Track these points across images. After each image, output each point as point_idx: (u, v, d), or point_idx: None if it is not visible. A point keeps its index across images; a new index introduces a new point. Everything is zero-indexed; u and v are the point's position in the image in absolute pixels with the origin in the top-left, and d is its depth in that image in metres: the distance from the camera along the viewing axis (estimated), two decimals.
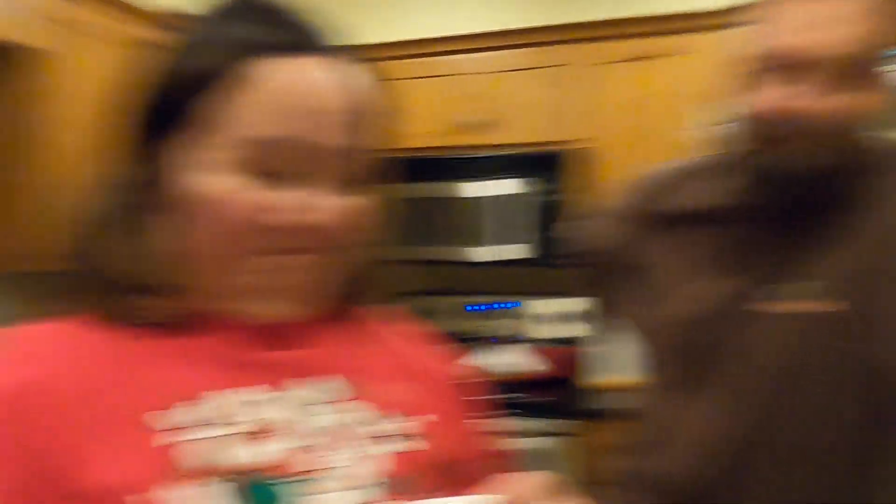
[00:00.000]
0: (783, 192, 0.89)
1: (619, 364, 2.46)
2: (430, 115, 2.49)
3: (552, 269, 2.63)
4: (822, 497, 0.88)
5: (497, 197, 2.51)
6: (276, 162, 0.53)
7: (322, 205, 0.55)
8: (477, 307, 2.81)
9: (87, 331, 0.55)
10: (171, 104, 0.54)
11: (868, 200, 0.90)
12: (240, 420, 0.54)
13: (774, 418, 0.90)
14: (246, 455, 0.52)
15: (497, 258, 2.52)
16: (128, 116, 0.57)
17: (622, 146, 2.43)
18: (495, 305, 2.81)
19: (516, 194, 2.48)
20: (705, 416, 0.96)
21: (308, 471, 0.54)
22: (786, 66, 0.85)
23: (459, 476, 0.63)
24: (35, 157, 1.90)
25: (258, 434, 0.54)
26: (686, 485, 0.96)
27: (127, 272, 0.56)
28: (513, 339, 2.55)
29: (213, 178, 0.53)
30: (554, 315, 2.73)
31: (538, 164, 2.48)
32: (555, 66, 2.50)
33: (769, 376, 0.90)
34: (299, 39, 0.54)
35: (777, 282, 0.92)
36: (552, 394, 2.36)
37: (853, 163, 0.87)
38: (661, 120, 2.39)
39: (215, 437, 0.52)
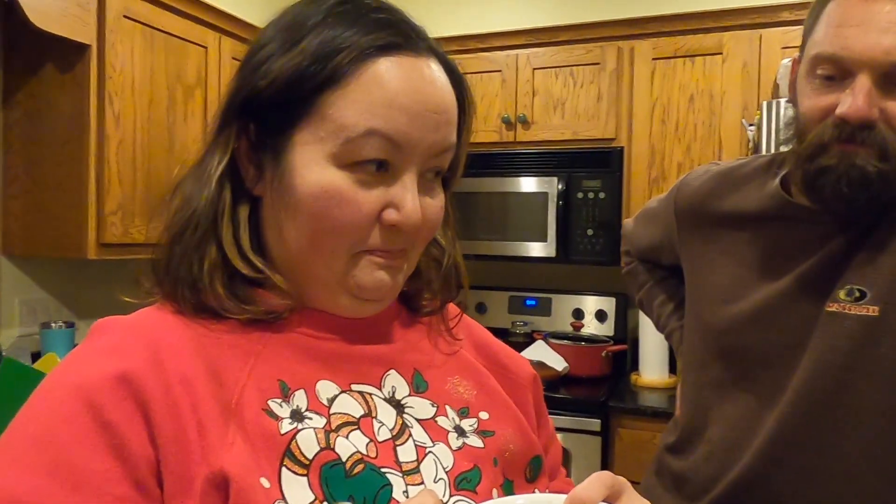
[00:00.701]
0: (834, 196, 0.88)
1: (653, 364, 2.45)
2: None
3: (581, 266, 2.64)
4: (871, 494, 0.87)
5: (529, 193, 2.51)
6: (379, 155, 0.54)
7: (419, 205, 0.56)
8: (530, 302, 2.82)
9: (176, 322, 0.56)
10: (290, 101, 0.55)
11: None
12: (334, 412, 0.55)
13: (821, 419, 0.89)
14: (343, 446, 0.53)
15: (527, 255, 2.53)
16: (231, 112, 0.58)
17: (659, 144, 2.43)
18: (528, 302, 2.82)
19: (548, 192, 2.48)
20: (747, 415, 0.96)
21: (399, 462, 0.55)
22: (839, 69, 0.84)
23: (522, 472, 0.65)
24: (81, 149, 1.94)
25: (348, 426, 0.55)
26: (719, 485, 0.96)
27: (219, 266, 0.57)
28: (537, 337, 2.55)
29: (321, 172, 0.54)
30: (581, 312, 2.74)
31: (574, 161, 2.48)
32: (591, 64, 2.50)
33: (817, 377, 0.89)
34: (406, 40, 0.56)
35: (827, 284, 0.91)
36: (582, 392, 2.35)
37: None
38: (701, 118, 2.38)
39: (314, 429, 0.53)
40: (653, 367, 2.44)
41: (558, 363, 2.41)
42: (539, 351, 2.42)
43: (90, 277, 2.30)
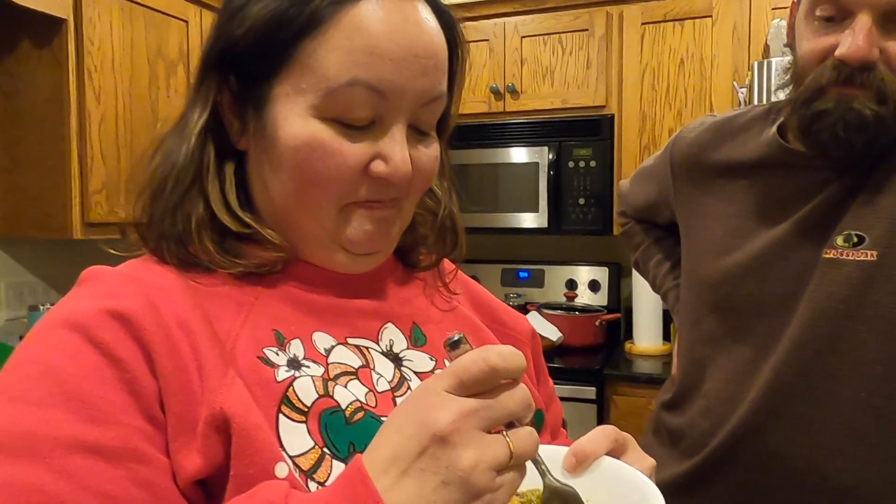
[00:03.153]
0: (831, 140, 0.86)
1: (647, 331, 2.45)
2: None
3: (573, 236, 2.63)
4: (867, 443, 0.87)
5: (519, 164, 2.49)
6: (363, 106, 0.51)
7: (409, 156, 0.54)
8: (522, 274, 2.82)
9: (166, 271, 0.54)
10: (267, 50, 0.52)
11: None
12: (332, 362, 0.54)
13: (817, 369, 0.88)
14: (342, 394, 0.52)
15: (519, 226, 2.52)
16: (209, 65, 0.55)
17: (650, 110, 2.41)
18: (521, 274, 2.81)
19: (538, 162, 2.46)
20: (743, 368, 0.95)
21: None
22: (839, 9, 0.83)
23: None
24: (62, 126, 1.91)
25: (347, 376, 0.54)
26: (716, 438, 0.96)
27: (207, 222, 0.55)
28: (530, 308, 2.54)
29: (303, 124, 0.52)
30: (574, 283, 2.73)
31: (564, 130, 2.46)
32: (580, 30, 2.47)
33: (813, 325, 0.89)
34: None
35: (825, 230, 0.90)
36: (577, 361, 2.36)
37: None
38: (692, 82, 2.36)
39: (312, 377, 0.52)
40: (646, 334, 2.45)
41: (553, 333, 2.41)
42: (533, 322, 2.41)
43: (77, 258, 2.26)
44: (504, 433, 0.41)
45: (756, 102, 1.95)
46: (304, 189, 0.53)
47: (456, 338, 0.44)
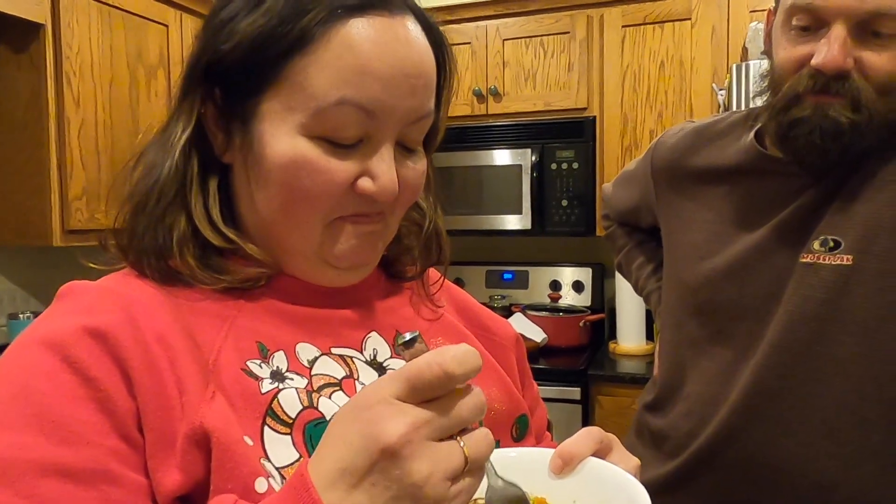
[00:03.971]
0: (807, 147, 0.88)
1: (631, 331, 2.47)
2: None
3: (557, 237, 2.64)
4: (846, 443, 0.88)
5: (502, 166, 2.50)
6: (352, 125, 0.51)
7: (396, 174, 0.54)
8: (507, 275, 2.83)
9: (146, 285, 0.54)
10: (256, 67, 0.51)
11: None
12: (315, 373, 0.54)
13: (796, 370, 0.90)
14: (326, 405, 0.52)
15: (503, 228, 2.53)
16: (194, 78, 0.55)
17: (631, 112, 2.43)
18: (505, 276, 2.82)
19: (521, 164, 2.47)
20: (724, 370, 0.96)
21: None
22: (814, 19, 0.84)
23: (508, 431, 0.64)
24: (41, 132, 1.88)
25: (330, 387, 0.54)
26: (697, 440, 0.97)
27: (189, 237, 0.55)
28: (515, 310, 2.55)
29: (291, 142, 0.51)
30: (558, 284, 2.75)
31: (546, 132, 2.47)
32: (561, 33, 2.48)
33: (792, 328, 0.90)
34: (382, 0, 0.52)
35: (802, 235, 0.91)
36: (562, 361, 2.37)
37: (886, 116, 0.86)
38: (672, 84, 2.38)
39: (296, 389, 0.52)
40: (630, 334, 2.47)
41: (537, 334, 2.42)
42: (518, 323, 2.43)
43: (57, 265, 2.24)
44: (458, 438, 0.40)
45: (735, 104, 1.98)
46: (291, 205, 0.53)
47: (409, 337, 0.41)
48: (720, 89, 2.22)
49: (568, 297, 2.73)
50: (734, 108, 1.95)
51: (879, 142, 0.88)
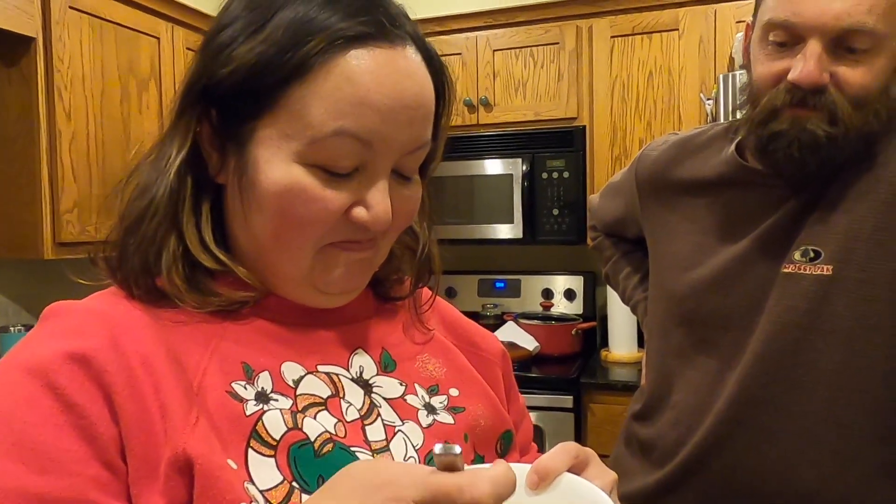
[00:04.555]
0: (786, 160, 0.89)
1: (622, 339, 2.48)
2: None
3: (548, 246, 2.65)
4: (828, 451, 0.89)
5: (494, 176, 2.51)
6: (348, 155, 0.51)
7: (390, 203, 0.54)
8: (499, 284, 2.83)
9: (132, 306, 0.54)
10: (253, 93, 0.51)
11: (877, 162, 0.90)
12: (300, 393, 0.54)
13: (780, 379, 0.91)
14: (311, 426, 0.52)
15: (495, 237, 2.54)
16: (190, 98, 0.55)
17: (621, 122, 2.45)
18: (497, 284, 2.83)
19: (512, 174, 2.49)
20: (709, 379, 0.98)
21: (369, 441, 0.55)
22: (791, 35, 0.86)
23: (493, 447, 0.65)
24: (32, 145, 1.89)
25: (315, 407, 0.54)
26: (684, 448, 0.98)
27: (179, 258, 0.55)
28: (507, 318, 2.56)
29: (286, 169, 0.51)
30: (550, 292, 2.76)
31: (537, 142, 2.49)
32: (551, 44, 2.50)
33: (775, 338, 0.91)
34: (379, 29, 0.51)
35: (783, 246, 0.93)
36: (554, 370, 2.38)
37: (861, 129, 0.87)
38: (660, 94, 2.40)
39: (280, 410, 0.52)
40: (622, 342, 2.48)
41: (529, 343, 2.42)
42: (510, 332, 2.44)
43: (48, 278, 2.24)
44: None
45: (723, 113, 2.00)
46: (284, 231, 0.53)
47: (447, 451, 0.39)
48: (708, 99, 2.24)
49: (560, 306, 2.74)
50: (722, 118, 1.97)
51: (856, 153, 0.90)
